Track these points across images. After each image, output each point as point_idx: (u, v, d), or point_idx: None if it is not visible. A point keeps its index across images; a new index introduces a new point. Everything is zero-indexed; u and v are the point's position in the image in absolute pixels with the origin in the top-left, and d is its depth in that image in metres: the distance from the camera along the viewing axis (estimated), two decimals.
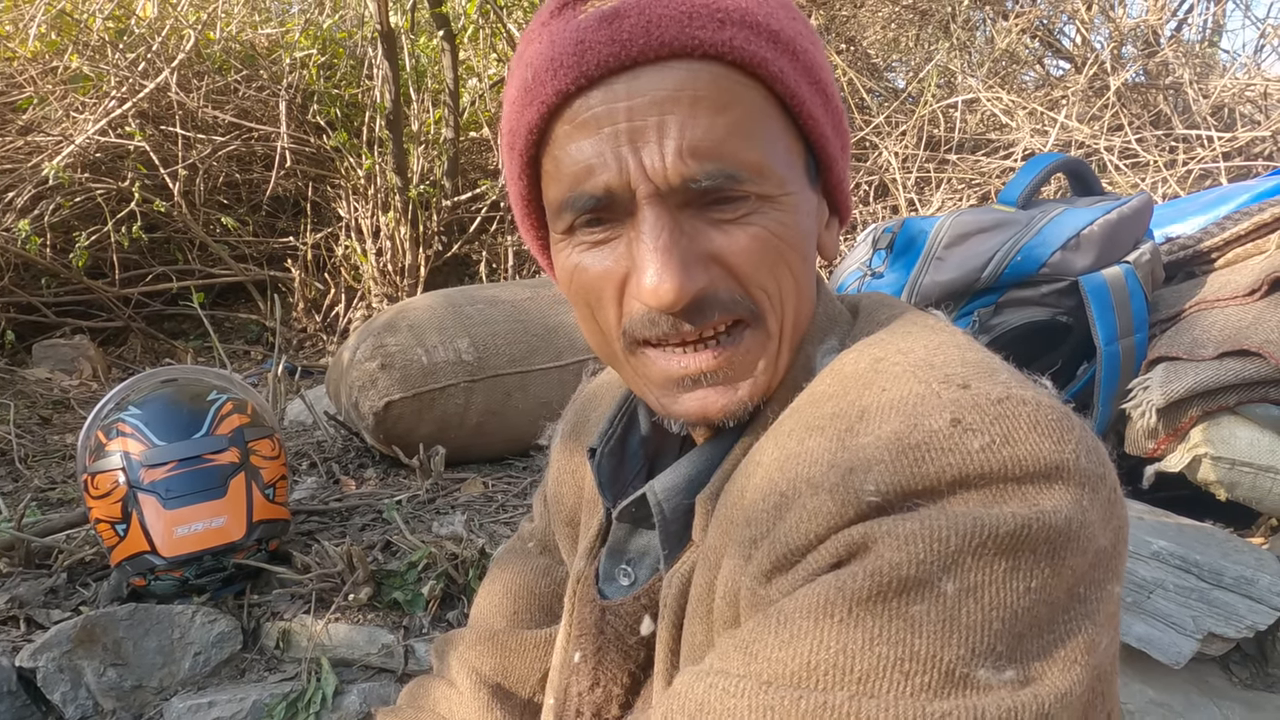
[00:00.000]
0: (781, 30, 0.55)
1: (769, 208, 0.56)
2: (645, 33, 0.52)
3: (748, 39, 0.53)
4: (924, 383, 0.51)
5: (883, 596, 0.45)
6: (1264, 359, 1.41)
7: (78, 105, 3.38)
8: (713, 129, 0.53)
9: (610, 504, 0.69)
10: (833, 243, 0.65)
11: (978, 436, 0.47)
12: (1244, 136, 3.19)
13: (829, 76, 0.60)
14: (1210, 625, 1.33)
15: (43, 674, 1.46)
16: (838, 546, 0.48)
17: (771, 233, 0.56)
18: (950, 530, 0.45)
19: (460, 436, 2.13)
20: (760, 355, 0.59)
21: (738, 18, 0.53)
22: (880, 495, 0.47)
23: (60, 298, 3.47)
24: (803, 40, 0.57)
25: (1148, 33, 3.58)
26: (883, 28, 4.12)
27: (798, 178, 0.58)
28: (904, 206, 3.26)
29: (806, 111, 0.57)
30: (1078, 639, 0.46)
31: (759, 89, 0.55)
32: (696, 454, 0.63)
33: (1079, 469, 0.48)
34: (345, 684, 1.52)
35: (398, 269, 3.41)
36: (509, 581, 0.89)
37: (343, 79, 3.70)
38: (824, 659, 0.45)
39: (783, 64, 0.55)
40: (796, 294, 0.59)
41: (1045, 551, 0.45)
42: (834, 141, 0.60)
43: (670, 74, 0.53)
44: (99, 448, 1.56)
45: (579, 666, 0.70)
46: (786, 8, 0.58)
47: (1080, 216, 1.58)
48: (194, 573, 1.53)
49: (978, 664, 0.44)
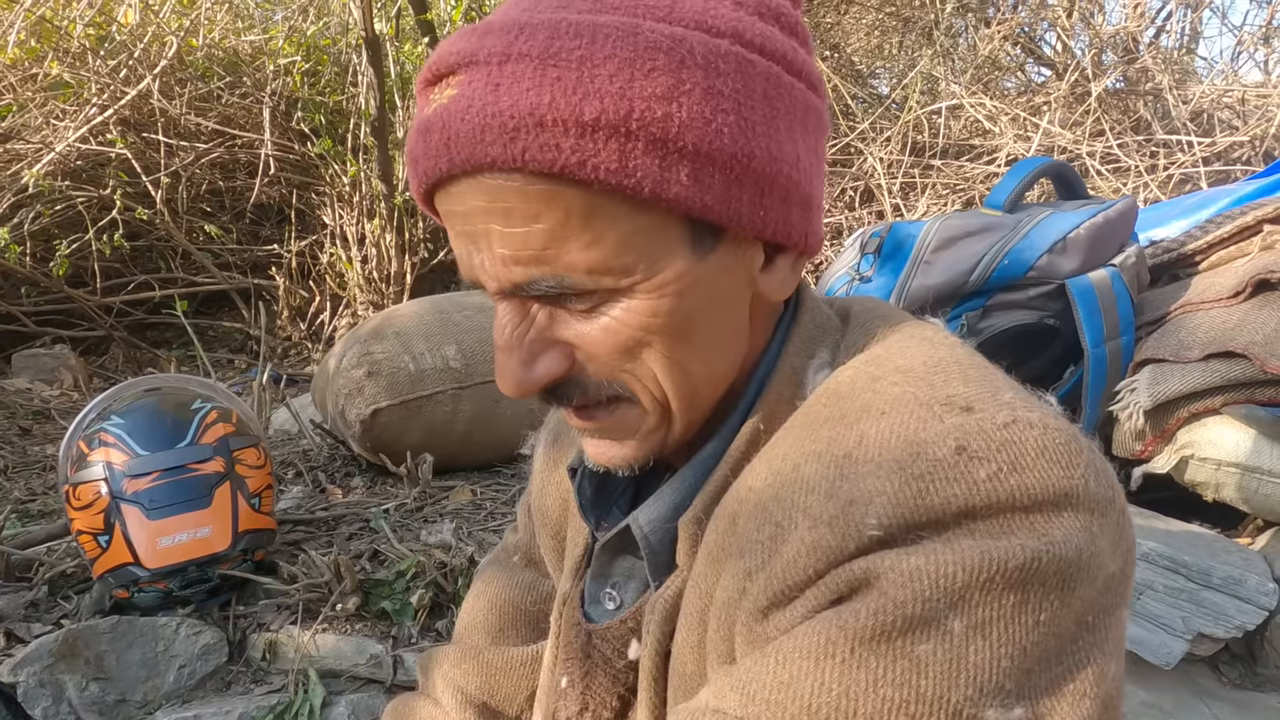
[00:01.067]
0: (605, 113, 0.48)
1: (619, 298, 0.52)
2: (447, 151, 0.50)
3: (544, 146, 0.47)
4: (925, 405, 0.50)
5: (887, 636, 0.44)
6: (1249, 360, 1.42)
7: (58, 112, 3.35)
8: (529, 239, 0.50)
9: (593, 526, 0.68)
10: (779, 281, 0.58)
11: (984, 465, 0.46)
12: (1223, 141, 3.22)
13: (728, 122, 0.50)
14: (1199, 625, 1.34)
15: (23, 689, 1.44)
16: (838, 582, 0.46)
17: (623, 323, 0.53)
18: (957, 565, 0.44)
19: (448, 444, 2.12)
20: (639, 424, 0.58)
21: (535, 121, 0.47)
22: (883, 528, 0.45)
23: (41, 307, 3.44)
24: (656, 106, 0.48)
25: (1127, 40, 3.62)
26: (866, 35, 4.15)
27: (664, 257, 0.52)
28: (889, 212, 3.27)
29: (655, 192, 0.49)
30: (1087, 670, 0.45)
31: (576, 188, 0.49)
32: (679, 479, 0.60)
33: (1088, 495, 0.46)
34: (333, 695, 1.51)
35: (383, 276, 3.39)
36: (494, 596, 0.88)
37: (327, 86, 3.69)
38: (825, 702, 0.44)
39: (602, 156, 0.48)
40: (677, 371, 0.55)
41: (1055, 584, 0.44)
42: (734, 197, 0.52)
43: (481, 187, 0.50)
44: (81, 458, 1.54)
45: (566, 691, 0.68)
46: (635, 63, 0.49)
47: (1066, 220, 1.59)
48: (178, 584, 1.51)
49: (986, 704, 0.43)
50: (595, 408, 0.58)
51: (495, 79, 0.49)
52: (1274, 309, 1.46)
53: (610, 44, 0.49)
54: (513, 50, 0.49)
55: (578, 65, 0.48)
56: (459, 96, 0.50)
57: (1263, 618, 1.37)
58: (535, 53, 0.48)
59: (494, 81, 0.49)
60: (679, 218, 0.52)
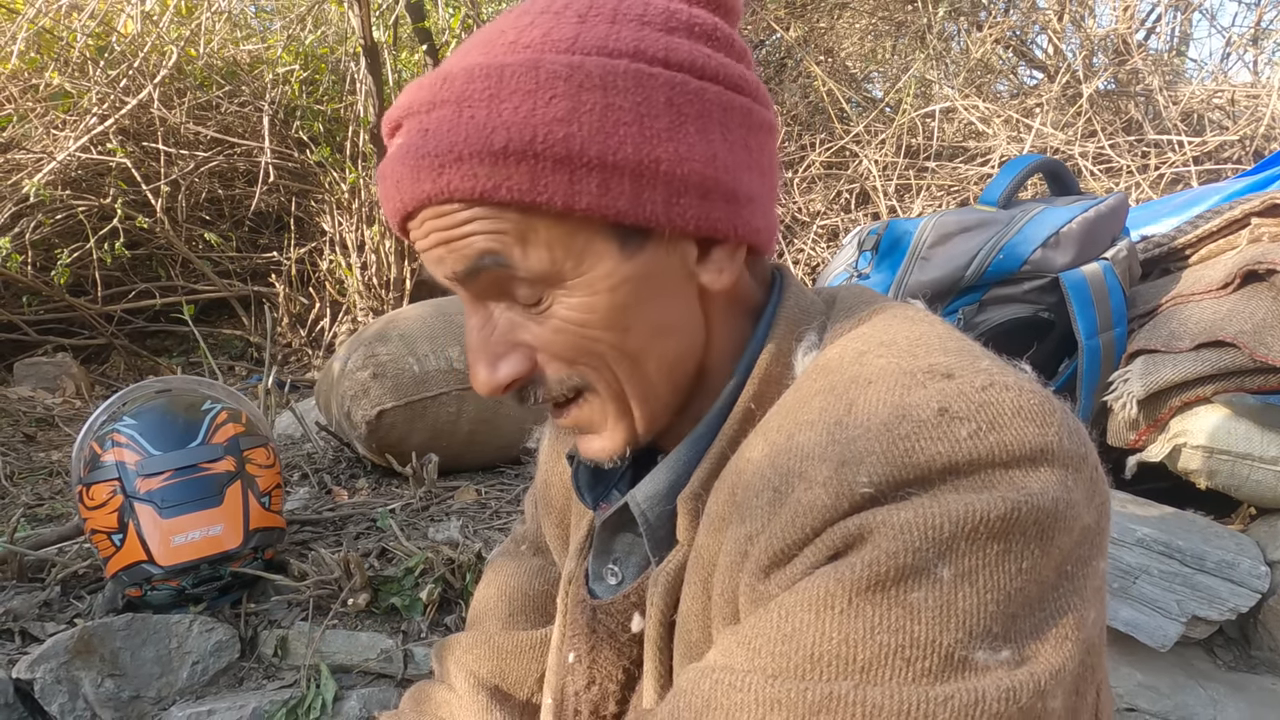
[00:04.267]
0: (511, 141, 0.53)
1: (560, 298, 0.58)
2: (397, 191, 0.57)
3: (464, 176, 0.54)
4: (909, 374, 0.52)
5: (881, 585, 0.46)
6: (1238, 349, 1.45)
7: (59, 122, 3.37)
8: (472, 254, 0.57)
9: (592, 507, 0.71)
10: (717, 272, 0.61)
11: (965, 424, 0.49)
12: (1213, 141, 3.27)
13: (629, 134, 0.54)
14: (1194, 608, 1.37)
15: (40, 685, 1.46)
16: (834, 538, 0.49)
17: (567, 320, 0.58)
18: (944, 517, 0.46)
19: (453, 445, 2.14)
20: (606, 414, 0.62)
21: (454, 156, 0.54)
22: (873, 486, 0.48)
23: (42, 315, 3.45)
24: (557, 128, 0.53)
25: (1117, 42, 3.67)
26: (860, 39, 4.19)
27: (591, 259, 0.57)
28: (885, 213, 3.31)
29: (566, 204, 0.54)
30: (1068, 616, 0.48)
31: (499, 209, 0.55)
32: (674, 457, 0.63)
33: (1062, 450, 0.49)
34: (345, 690, 1.53)
35: (383, 282, 3.41)
36: (503, 584, 0.91)
37: (325, 94, 3.72)
38: (827, 650, 0.46)
39: (515, 179, 0.53)
40: (625, 361, 0.60)
41: (1035, 533, 0.47)
42: (646, 200, 0.56)
43: (429, 218, 0.57)
44: (94, 458, 1.56)
45: (573, 666, 0.71)
46: (537, 93, 0.54)
47: (1059, 215, 1.62)
48: (191, 582, 1.53)
49: (975, 646, 0.46)
50: (565, 405, 0.62)
51: (424, 125, 0.56)
52: (1262, 299, 1.49)
53: (515, 80, 0.54)
54: (437, 98, 0.56)
55: (486, 103, 0.54)
56: (403, 144, 0.57)
57: (1255, 600, 1.40)
58: (453, 98, 0.55)
59: (424, 127, 0.56)
60: (599, 223, 0.56)
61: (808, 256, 3.33)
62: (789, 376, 0.61)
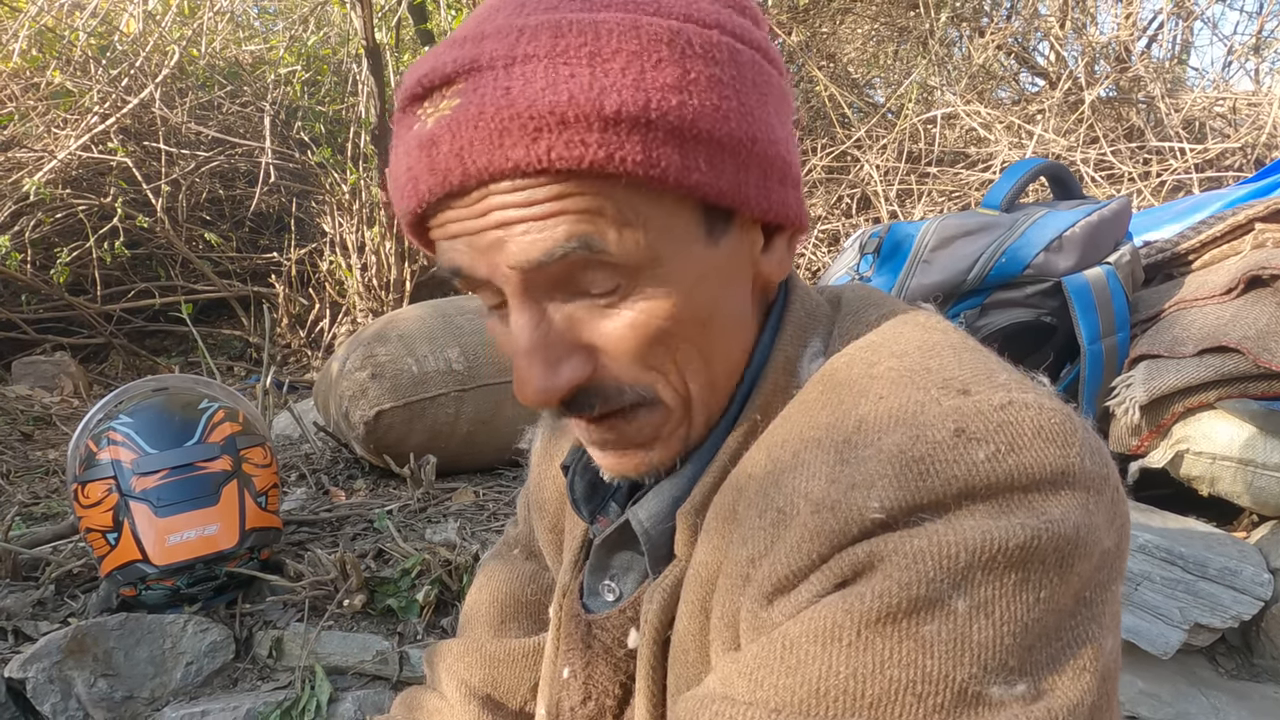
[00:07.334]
0: (624, 105, 0.47)
1: (641, 290, 0.52)
2: (459, 161, 0.48)
3: (569, 143, 0.47)
4: (922, 389, 0.50)
5: (892, 617, 0.44)
6: (1242, 354, 1.44)
7: (60, 121, 3.37)
8: (555, 235, 0.49)
9: (589, 521, 0.68)
10: (778, 261, 0.59)
11: (982, 446, 0.46)
12: (1215, 149, 3.26)
13: (733, 108, 0.51)
14: (1196, 616, 1.36)
15: (32, 685, 1.44)
16: (843, 565, 0.46)
17: (650, 314, 0.52)
18: (959, 546, 0.44)
19: (451, 446, 2.13)
20: (658, 429, 0.57)
21: (557, 119, 0.47)
22: (885, 511, 0.46)
23: (41, 314, 3.44)
24: (670, 96, 0.49)
25: (1119, 49, 3.67)
26: (862, 44, 4.19)
27: (684, 245, 0.52)
28: (886, 218, 3.30)
29: (678, 181, 0.49)
30: (1086, 646, 0.46)
31: (601, 183, 0.49)
32: (680, 474, 0.60)
33: (1084, 472, 0.47)
34: (340, 691, 1.51)
35: (383, 283, 3.41)
36: (495, 590, 0.89)
37: (326, 95, 3.72)
38: (834, 685, 0.44)
39: (628, 149, 0.48)
40: (700, 361, 0.55)
41: (1054, 561, 0.45)
42: (744, 180, 0.52)
43: (494, 195, 0.49)
44: (89, 456, 1.55)
45: (569, 682, 0.69)
46: (644, 56, 0.49)
47: (1062, 219, 1.61)
48: (186, 582, 1.52)
49: (990, 681, 0.43)
50: (615, 415, 0.56)
51: (504, 82, 0.48)
52: (1265, 305, 1.49)
53: (615, 39, 0.48)
54: (518, 52, 0.48)
55: (589, 61, 0.48)
56: (465, 105, 0.48)
57: (1258, 608, 1.39)
58: (542, 53, 0.48)
59: (503, 85, 0.48)
60: (693, 205, 0.52)
61: (808, 261, 3.33)
62: (794, 385, 0.58)
